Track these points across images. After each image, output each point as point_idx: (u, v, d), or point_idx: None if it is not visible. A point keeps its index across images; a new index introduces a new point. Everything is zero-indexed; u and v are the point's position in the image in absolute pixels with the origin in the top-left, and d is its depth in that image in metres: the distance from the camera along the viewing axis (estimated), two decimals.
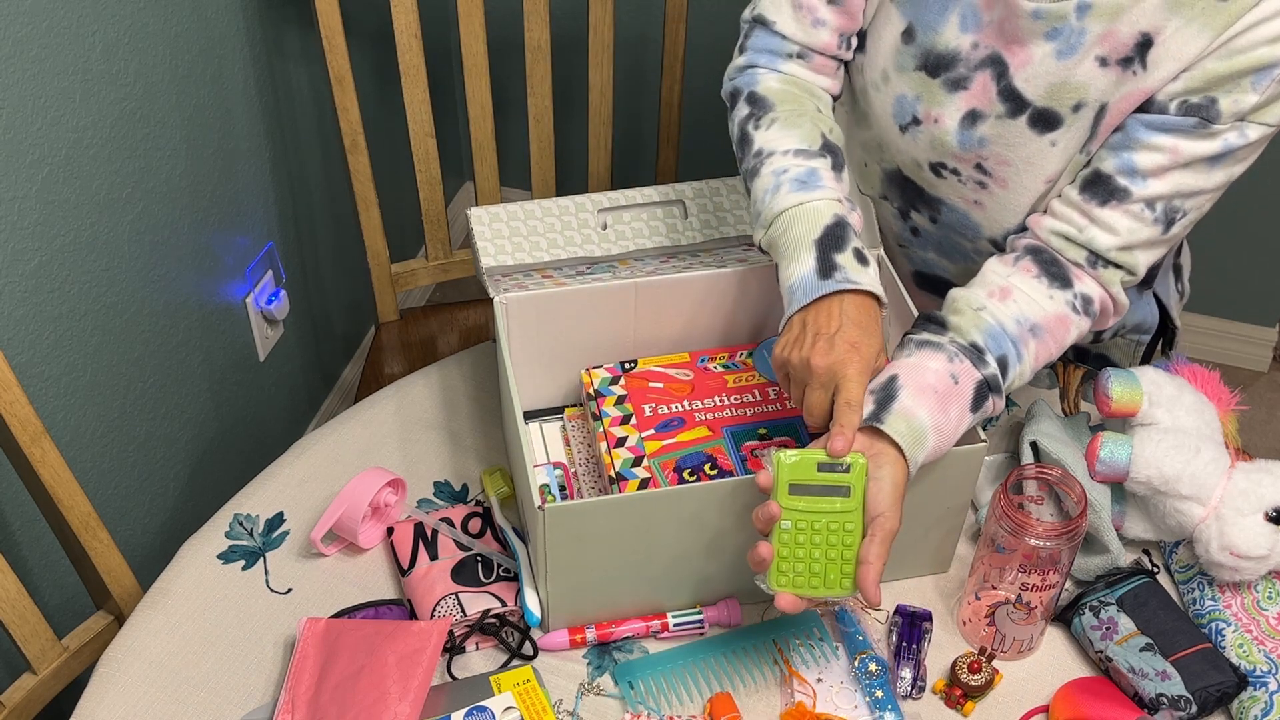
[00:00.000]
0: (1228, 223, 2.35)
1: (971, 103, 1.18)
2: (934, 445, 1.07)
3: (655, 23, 2.23)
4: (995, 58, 1.15)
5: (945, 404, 1.07)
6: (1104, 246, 1.14)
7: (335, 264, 2.24)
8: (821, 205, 1.14)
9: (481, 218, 1.31)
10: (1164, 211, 1.13)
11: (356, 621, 1.16)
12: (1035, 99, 1.15)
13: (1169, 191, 1.12)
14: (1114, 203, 1.13)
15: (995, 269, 1.17)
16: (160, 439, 1.76)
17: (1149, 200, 1.13)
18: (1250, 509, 1.14)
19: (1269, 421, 2.46)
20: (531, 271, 1.30)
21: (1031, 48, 1.13)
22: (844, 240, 1.12)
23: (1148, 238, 1.14)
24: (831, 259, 1.11)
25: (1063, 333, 1.15)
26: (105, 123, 1.50)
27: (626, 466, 1.20)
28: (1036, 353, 1.14)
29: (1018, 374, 1.13)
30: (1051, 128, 1.15)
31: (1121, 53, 1.10)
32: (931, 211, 1.31)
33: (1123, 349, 1.45)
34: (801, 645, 1.16)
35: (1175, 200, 1.13)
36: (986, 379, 1.10)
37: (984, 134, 1.19)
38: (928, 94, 1.20)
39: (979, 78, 1.17)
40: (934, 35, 1.18)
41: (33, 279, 1.43)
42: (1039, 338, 1.14)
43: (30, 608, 1.23)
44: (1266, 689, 1.11)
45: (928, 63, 1.19)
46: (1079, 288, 1.16)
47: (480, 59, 1.77)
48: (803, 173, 1.16)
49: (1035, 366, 1.14)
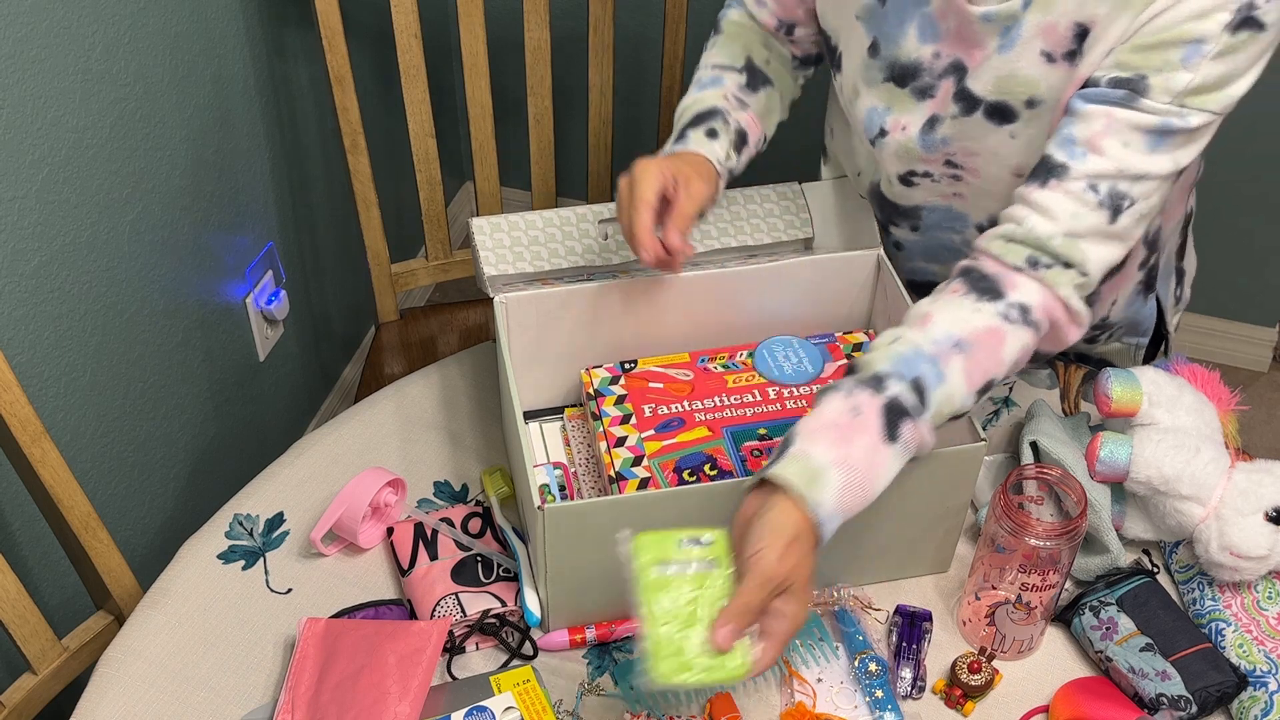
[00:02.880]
0: (1228, 223, 2.35)
1: (934, 109, 1.20)
2: (844, 480, 0.98)
3: (655, 23, 2.23)
4: (957, 64, 1.17)
5: (847, 436, 0.99)
6: (1045, 234, 1.07)
7: (335, 264, 2.24)
8: (706, 97, 1.27)
9: (483, 227, 1.31)
10: (1108, 195, 1.07)
11: (356, 621, 1.16)
12: (985, 95, 1.16)
13: (1110, 169, 1.06)
14: (1054, 181, 1.08)
15: (922, 301, 1.10)
16: (160, 439, 1.76)
17: (1090, 178, 1.06)
18: (1250, 509, 1.14)
19: (1269, 421, 2.46)
20: (533, 280, 1.31)
21: (987, 47, 1.14)
22: (704, 119, 1.24)
23: (1092, 225, 1.07)
24: (686, 134, 1.24)
25: (996, 344, 1.06)
26: (105, 123, 1.50)
27: (626, 466, 1.20)
28: (967, 369, 1.04)
29: (944, 395, 1.03)
30: (1007, 120, 1.16)
31: (1063, 46, 1.10)
32: (911, 221, 1.32)
33: (1120, 354, 1.45)
34: (801, 645, 1.16)
35: (1120, 183, 1.07)
36: (890, 402, 1.01)
37: (944, 134, 1.21)
38: (897, 104, 1.22)
39: (943, 85, 1.19)
40: (895, 48, 1.20)
41: (33, 279, 1.43)
42: (966, 352, 1.05)
43: (30, 608, 1.23)
44: (1266, 689, 1.11)
45: (894, 73, 1.21)
46: (1013, 297, 1.07)
47: (480, 59, 1.77)
48: (708, 78, 1.30)
49: (972, 385, 1.05)
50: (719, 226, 1.35)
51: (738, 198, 1.36)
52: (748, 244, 1.35)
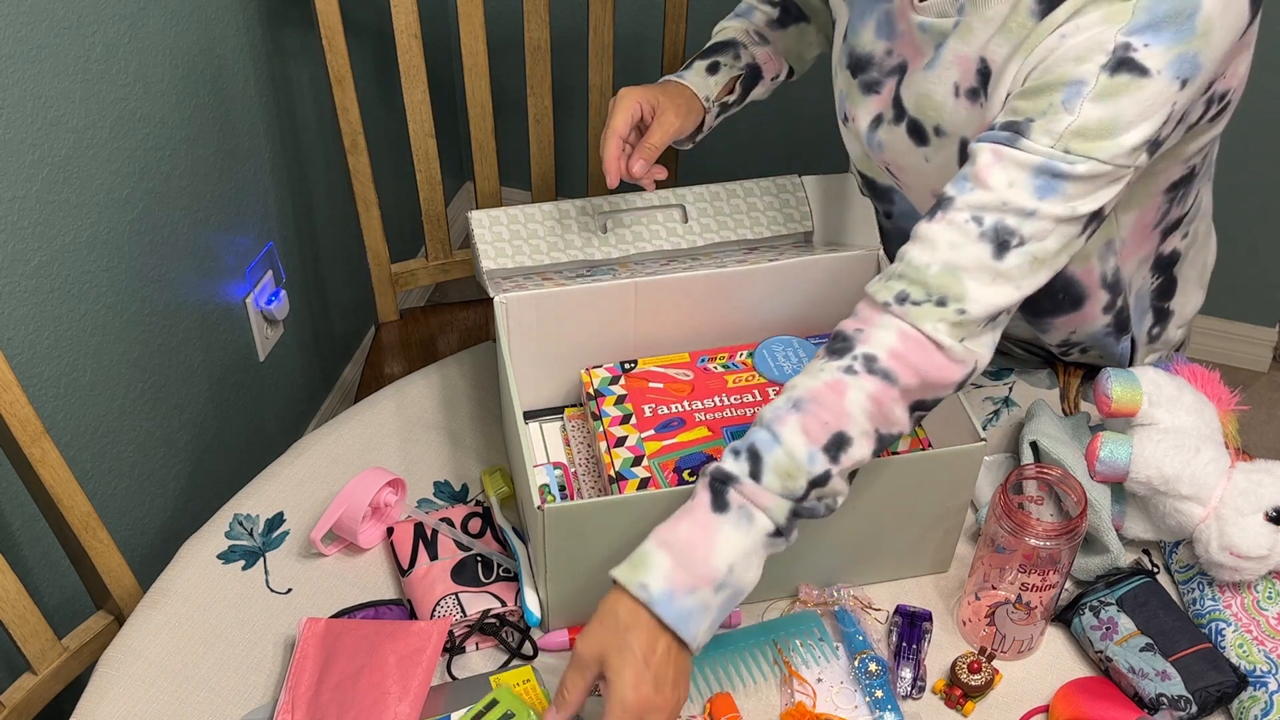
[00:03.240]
0: (1228, 223, 2.35)
1: (879, 107, 1.22)
2: (671, 560, 0.98)
3: (655, 23, 2.23)
4: (903, 66, 1.19)
5: (674, 521, 1.00)
6: (921, 263, 1.03)
7: (335, 264, 2.24)
8: (731, 27, 1.36)
9: (482, 221, 1.31)
10: (992, 228, 1.02)
11: (356, 621, 1.16)
12: (909, 108, 1.19)
13: (994, 201, 1.01)
14: (939, 214, 1.04)
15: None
16: (160, 439, 1.76)
17: (973, 208, 1.02)
18: (1250, 509, 1.14)
19: (1269, 421, 2.46)
20: (532, 274, 1.31)
21: (919, 62, 1.16)
22: (715, 52, 1.33)
23: (974, 257, 1.02)
24: (691, 63, 1.32)
25: (835, 398, 1.01)
26: (105, 123, 1.51)
27: (626, 466, 1.20)
28: (804, 425, 1.01)
29: (782, 454, 1.00)
30: (923, 142, 1.18)
31: (969, 81, 1.11)
32: (886, 205, 1.34)
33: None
34: (801, 645, 1.16)
35: (1006, 218, 1.01)
36: (713, 474, 1.01)
37: (882, 138, 1.23)
38: (851, 93, 1.26)
39: (888, 83, 1.21)
40: (856, 37, 1.22)
41: (33, 279, 1.43)
42: (803, 410, 1.01)
43: (30, 608, 1.23)
44: (1266, 689, 1.11)
45: (851, 62, 1.24)
46: (859, 350, 1.02)
47: (480, 59, 1.77)
48: (743, 7, 1.39)
49: (812, 442, 1.00)
50: (719, 220, 1.35)
51: (737, 190, 1.36)
52: (747, 237, 1.35)
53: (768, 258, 1.31)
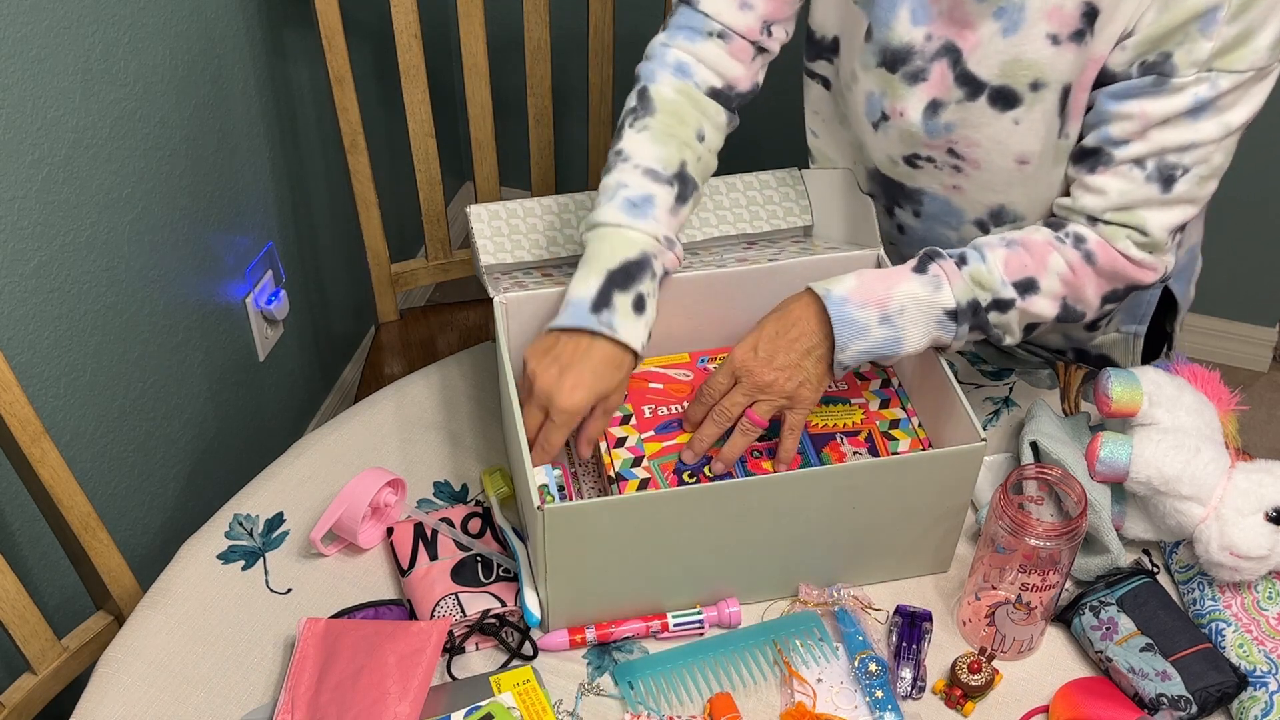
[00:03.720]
0: (1228, 223, 2.35)
1: (931, 93, 1.21)
2: (858, 280, 1.14)
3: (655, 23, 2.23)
4: (949, 46, 1.18)
5: (876, 274, 1.15)
6: (1096, 208, 1.16)
7: (335, 264, 2.24)
8: (635, 236, 1.16)
9: (481, 215, 1.31)
10: (1156, 169, 1.13)
11: (356, 621, 1.16)
12: (990, 79, 1.17)
13: (1152, 149, 1.12)
14: (1101, 168, 1.15)
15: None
16: (160, 439, 1.76)
17: (1135, 159, 1.13)
18: (1250, 509, 1.14)
19: (1269, 421, 2.46)
20: (531, 269, 1.30)
21: (980, 30, 1.16)
22: (633, 280, 1.15)
23: (1144, 196, 1.14)
24: (609, 296, 1.14)
25: (1042, 252, 1.17)
26: (105, 123, 1.50)
27: (626, 467, 1.20)
28: (1006, 259, 1.16)
29: (982, 267, 1.15)
30: (1011, 105, 1.18)
31: (1070, 26, 1.12)
32: (914, 205, 1.33)
33: (1119, 344, 1.45)
34: (801, 645, 1.16)
35: (1167, 156, 1.13)
36: (926, 251, 1.17)
37: (948, 120, 1.22)
38: (890, 89, 1.24)
39: (936, 68, 1.20)
40: (888, 31, 1.21)
41: (33, 279, 1.43)
42: (1010, 248, 1.17)
43: (30, 608, 1.23)
44: (1266, 689, 1.11)
45: (886, 59, 1.22)
46: (1071, 228, 1.18)
47: (480, 59, 1.77)
48: (639, 196, 1.18)
49: (1008, 273, 1.15)
50: (718, 214, 1.35)
51: (737, 184, 1.36)
52: (746, 231, 1.35)
53: (768, 255, 1.31)
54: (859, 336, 1.14)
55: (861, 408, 1.25)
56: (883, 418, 1.25)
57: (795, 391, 1.15)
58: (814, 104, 1.39)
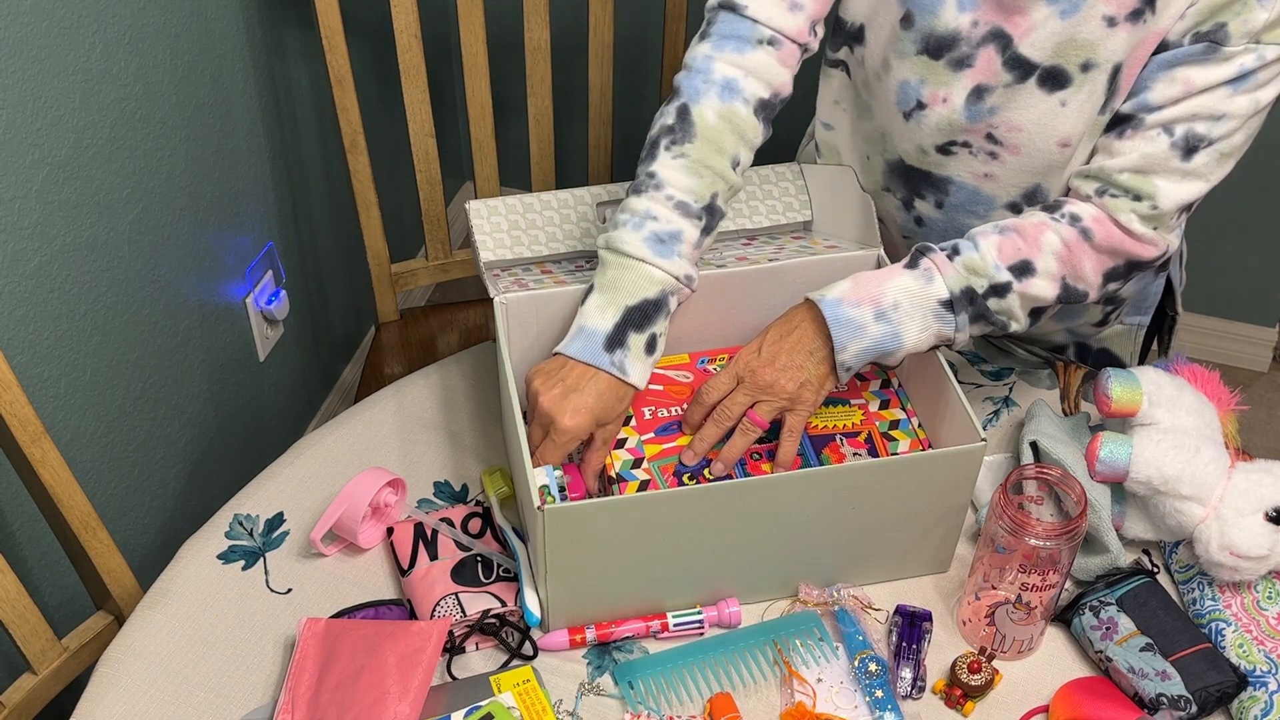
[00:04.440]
0: (1228, 223, 2.35)
1: (977, 79, 1.20)
2: (851, 283, 1.15)
3: (655, 23, 2.23)
4: (997, 32, 1.17)
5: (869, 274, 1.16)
6: (1114, 167, 1.16)
7: (335, 264, 2.24)
8: (658, 275, 1.15)
9: (480, 211, 1.31)
10: (1183, 136, 1.13)
11: (356, 621, 1.16)
12: (1042, 60, 1.17)
13: (1184, 115, 1.13)
14: (1129, 131, 1.16)
15: None
16: (160, 439, 1.76)
17: (1164, 124, 1.14)
18: (1250, 509, 1.14)
19: (1269, 421, 2.46)
20: (530, 266, 1.30)
21: (1033, 14, 1.15)
22: (648, 321, 1.15)
23: (1163, 162, 1.14)
24: (624, 336, 1.14)
25: (1035, 233, 1.17)
26: (105, 123, 1.50)
27: (626, 468, 1.20)
28: (1000, 245, 1.16)
29: (975, 256, 1.16)
30: (1060, 86, 1.17)
31: (1128, 8, 1.12)
32: (938, 195, 1.31)
33: (1122, 336, 1.45)
34: (801, 645, 1.16)
35: (1196, 125, 1.13)
36: (917, 247, 1.17)
37: (993, 104, 1.21)
38: (932, 76, 1.22)
39: (983, 54, 1.19)
40: (932, 18, 1.19)
41: (33, 279, 1.43)
42: (1003, 234, 1.17)
43: (30, 608, 1.23)
44: (1266, 689, 1.11)
45: (929, 45, 1.21)
46: (1067, 208, 1.18)
47: (480, 59, 1.77)
48: (666, 232, 1.16)
49: (1002, 258, 1.16)
50: None
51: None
52: (746, 227, 1.34)
53: (767, 252, 1.31)
54: (856, 335, 1.14)
55: (861, 408, 1.26)
56: (882, 418, 1.25)
57: (797, 393, 1.15)
58: (835, 94, 1.37)
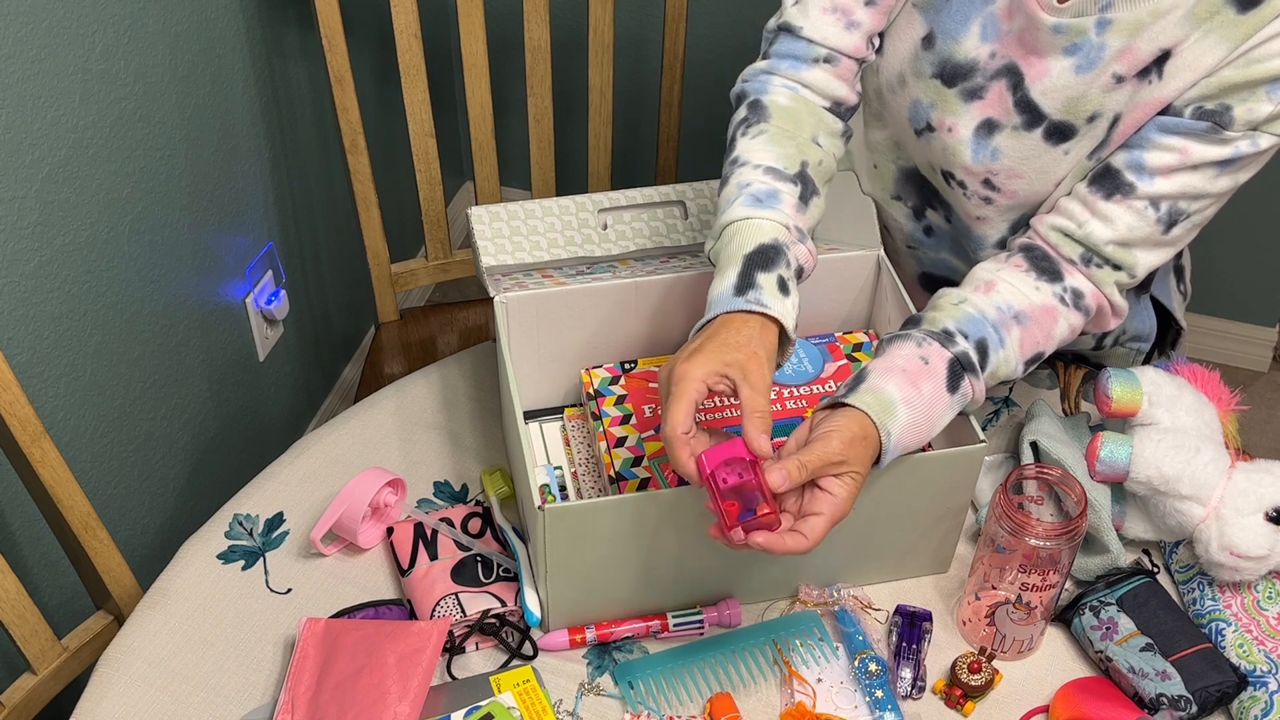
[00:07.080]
0: (1228, 223, 2.34)
1: (987, 112, 1.19)
2: (908, 419, 1.05)
3: (655, 23, 2.23)
4: (1011, 67, 1.16)
5: (915, 380, 1.07)
6: (1100, 239, 1.14)
7: (335, 264, 2.24)
8: (765, 224, 1.11)
9: (482, 217, 1.31)
10: (1167, 212, 1.13)
11: (356, 621, 1.16)
12: (1052, 112, 1.15)
13: (1174, 191, 1.12)
14: (1118, 196, 1.14)
15: (984, 266, 1.19)
16: (160, 439, 1.76)
17: (1153, 198, 1.13)
18: (1250, 509, 1.14)
19: (1269, 421, 2.46)
20: (531, 271, 1.30)
21: (1049, 61, 1.13)
22: (773, 262, 1.08)
23: (1146, 236, 1.14)
24: (753, 276, 1.07)
25: (1050, 323, 1.15)
26: (105, 123, 1.50)
27: (626, 467, 1.20)
28: (1021, 340, 1.13)
29: (1001, 359, 1.12)
30: (1066, 139, 1.16)
31: (1139, 67, 1.11)
32: (946, 211, 1.31)
33: (1122, 358, 1.45)
34: (801, 645, 1.16)
35: (1180, 202, 1.13)
36: (957, 356, 1.09)
37: (999, 145, 1.19)
38: (942, 102, 1.20)
39: (995, 87, 1.17)
40: (953, 44, 1.17)
41: (33, 279, 1.43)
42: (1023, 325, 1.14)
43: (30, 608, 1.23)
44: (1266, 689, 1.11)
45: (944, 71, 1.19)
46: (1069, 281, 1.16)
47: (480, 59, 1.77)
48: (763, 190, 1.13)
49: (1023, 356, 1.14)
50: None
51: None
52: None
53: None
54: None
55: None
56: None
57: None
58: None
